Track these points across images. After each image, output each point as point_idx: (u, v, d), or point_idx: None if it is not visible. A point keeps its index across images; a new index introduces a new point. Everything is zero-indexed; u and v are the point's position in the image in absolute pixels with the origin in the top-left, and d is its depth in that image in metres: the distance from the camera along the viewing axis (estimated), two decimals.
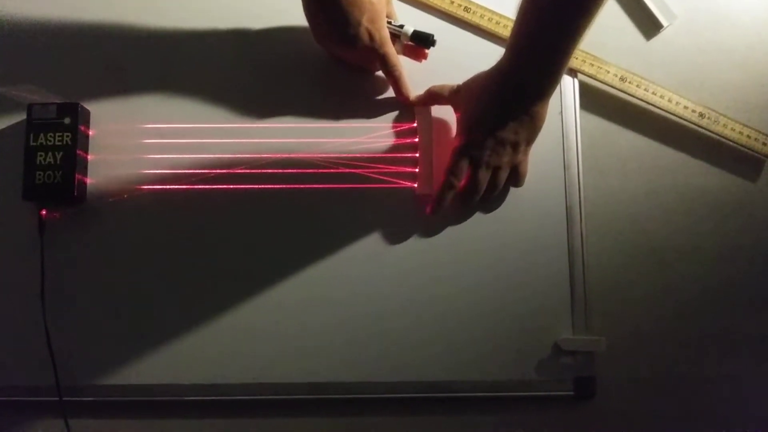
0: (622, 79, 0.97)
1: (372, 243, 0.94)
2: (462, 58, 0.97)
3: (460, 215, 0.95)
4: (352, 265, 0.93)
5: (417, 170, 0.94)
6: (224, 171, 0.94)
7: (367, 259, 0.93)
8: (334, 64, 0.96)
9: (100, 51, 0.97)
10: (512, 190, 0.95)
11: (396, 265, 0.93)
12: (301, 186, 0.94)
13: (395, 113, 0.96)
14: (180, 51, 0.97)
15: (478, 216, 0.95)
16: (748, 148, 0.98)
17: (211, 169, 0.94)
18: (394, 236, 0.94)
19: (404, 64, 0.95)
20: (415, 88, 0.96)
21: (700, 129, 0.98)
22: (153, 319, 0.92)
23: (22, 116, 0.92)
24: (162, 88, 0.96)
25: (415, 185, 0.94)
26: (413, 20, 0.97)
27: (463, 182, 0.89)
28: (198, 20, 0.98)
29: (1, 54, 0.97)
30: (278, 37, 0.98)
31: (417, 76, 0.96)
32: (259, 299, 0.92)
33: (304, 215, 0.94)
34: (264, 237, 0.94)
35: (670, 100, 0.97)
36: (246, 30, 0.98)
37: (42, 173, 0.89)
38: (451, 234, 0.94)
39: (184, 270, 0.93)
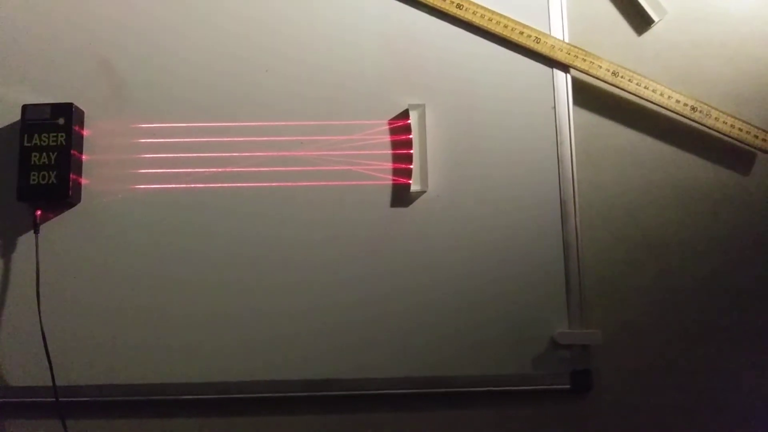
0: (614, 73, 0.98)
1: (367, 239, 0.94)
2: (454, 55, 0.98)
3: (456, 211, 0.95)
4: (347, 262, 0.93)
5: (411, 167, 0.94)
6: (218, 170, 0.95)
7: (363, 256, 0.94)
8: (330, 62, 0.97)
9: (94, 51, 0.97)
10: (506, 184, 0.95)
11: (392, 262, 0.94)
12: (297, 184, 0.95)
13: (390, 110, 0.97)
14: (174, 51, 0.97)
15: (473, 211, 0.95)
16: (741, 141, 0.99)
17: (205, 167, 0.95)
18: (389, 232, 0.94)
19: (399, 68, 0.96)
20: (410, 87, 0.96)
21: (692, 123, 0.99)
22: (149, 319, 0.92)
23: (16, 117, 0.92)
24: (156, 88, 0.96)
25: (410, 181, 0.94)
26: (404, 16, 0.98)
27: None
28: (192, 20, 0.98)
29: None
30: (273, 36, 0.98)
31: (411, 74, 0.97)
32: (255, 297, 0.92)
33: (299, 213, 0.94)
34: (260, 235, 0.94)
35: (662, 94, 0.98)
36: (240, 29, 0.98)
37: (36, 174, 0.89)
38: (446, 230, 0.95)
39: (180, 269, 0.93)
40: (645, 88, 0.97)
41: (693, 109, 0.98)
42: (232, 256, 0.93)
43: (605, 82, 0.98)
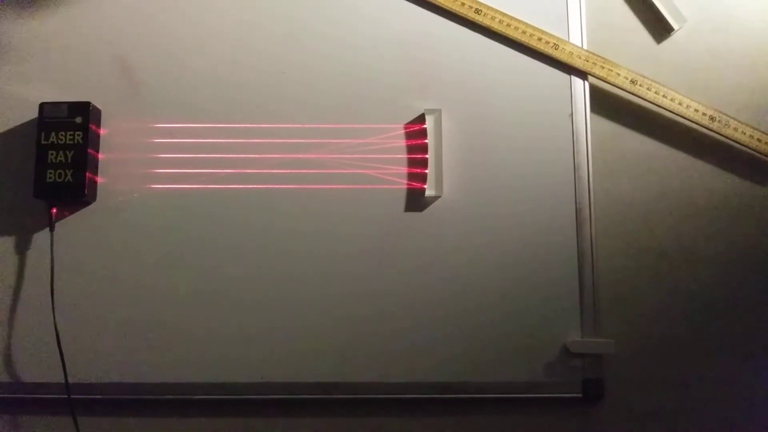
0: (632, 81, 0.97)
1: (382, 243, 0.94)
2: (471, 61, 0.97)
3: (470, 217, 0.95)
4: (361, 266, 0.93)
5: (426, 171, 0.94)
6: (234, 171, 0.95)
7: (377, 260, 0.93)
8: (347, 65, 0.97)
9: (111, 50, 0.97)
10: (522, 191, 0.95)
11: (405, 266, 0.93)
12: (312, 186, 0.95)
13: (406, 115, 0.96)
14: (192, 52, 0.97)
15: (487, 217, 0.95)
16: (759, 152, 0.98)
17: (221, 168, 0.95)
18: (404, 237, 0.94)
19: (416, 73, 0.96)
20: (426, 92, 0.96)
21: (711, 132, 0.98)
22: (162, 318, 0.92)
23: (33, 115, 0.92)
24: (173, 88, 0.96)
25: (425, 186, 0.94)
26: (422, 21, 0.98)
27: None
28: (211, 23, 0.98)
29: (14, 53, 0.97)
30: (290, 39, 0.98)
31: (428, 79, 0.96)
32: (269, 298, 0.93)
33: (314, 215, 0.94)
34: (274, 237, 0.94)
35: (680, 103, 0.97)
36: (258, 30, 0.98)
37: (53, 172, 0.90)
38: (460, 236, 0.94)
39: (194, 269, 0.93)
40: (663, 96, 0.97)
41: (712, 118, 0.97)
42: (245, 257, 0.93)
43: (623, 89, 0.97)
